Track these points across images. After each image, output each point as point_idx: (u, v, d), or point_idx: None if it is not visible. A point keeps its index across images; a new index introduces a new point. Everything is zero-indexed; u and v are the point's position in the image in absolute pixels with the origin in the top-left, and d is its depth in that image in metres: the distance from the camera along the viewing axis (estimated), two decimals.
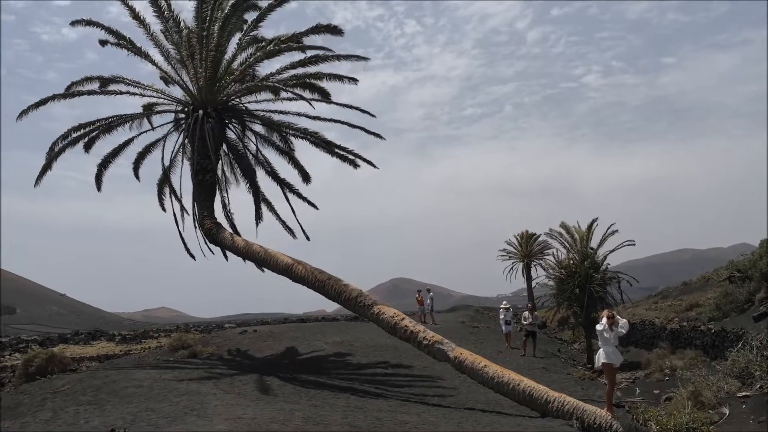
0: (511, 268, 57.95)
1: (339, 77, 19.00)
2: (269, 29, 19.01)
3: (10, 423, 11.36)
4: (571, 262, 26.84)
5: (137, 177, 21.23)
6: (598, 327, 12.18)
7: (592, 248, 26.62)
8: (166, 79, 19.97)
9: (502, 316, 26.71)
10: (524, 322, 24.76)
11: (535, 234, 55.93)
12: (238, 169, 20.72)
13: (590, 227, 27.04)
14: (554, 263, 28.00)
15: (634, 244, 26.58)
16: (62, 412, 11.55)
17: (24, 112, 18.51)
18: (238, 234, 19.22)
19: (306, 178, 20.63)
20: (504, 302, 28.11)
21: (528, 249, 56.03)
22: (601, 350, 11.85)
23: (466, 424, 11.13)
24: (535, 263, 54.66)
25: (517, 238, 57.37)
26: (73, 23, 19.07)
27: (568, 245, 27.25)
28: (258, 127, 20.30)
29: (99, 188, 20.70)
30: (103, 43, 18.91)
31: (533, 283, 49.28)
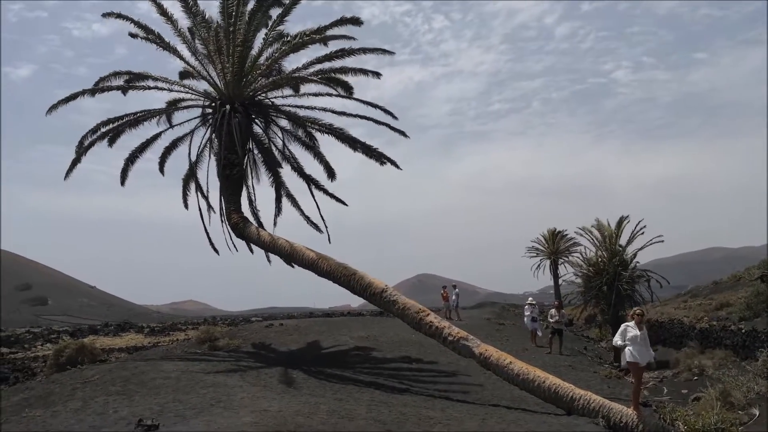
0: (539, 265, 57.71)
1: (364, 71, 19.05)
2: (296, 25, 19.12)
3: (42, 411, 11.56)
4: (600, 259, 26.61)
5: (162, 172, 21.50)
6: (624, 324, 12.05)
7: (620, 246, 26.36)
8: (191, 74, 20.14)
9: (527, 313, 26.52)
10: (551, 320, 24.57)
11: (562, 231, 55.61)
12: (264, 165, 20.84)
13: (620, 224, 26.78)
14: (582, 260, 27.78)
15: (662, 241, 26.25)
16: (92, 401, 11.73)
17: (54, 107, 18.81)
18: (264, 229, 19.35)
19: (331, 173, 20.63)
20: (529, 299, 27.93)
21: (555, 246, 55.67)
22: (627, 348, 11.72)
23: (490, 420, 11.09)
24: (562, 261, 54.26)
25: (544, 236, 57.05)
26: (105, 15, 19.31)
27: (597, 243, 27.02)
28: (284, 122, 20.39)
29: (123, 183, 20.80)
30: (133, 36, 19.15)
31: (560, 281, 49.03)
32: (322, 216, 20.21)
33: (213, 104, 19.27)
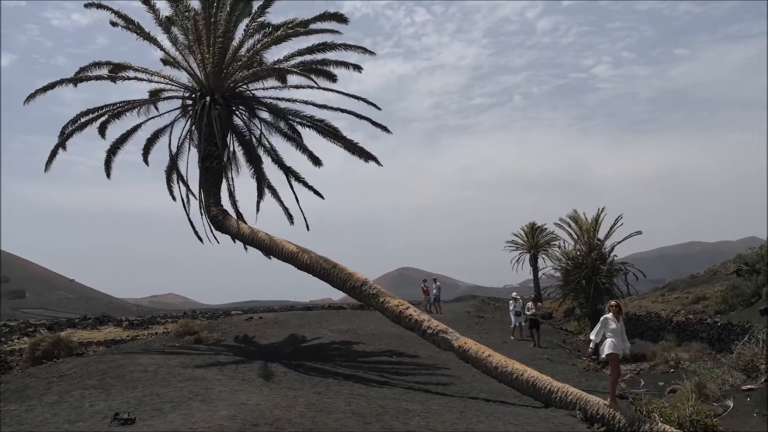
0: (518, 259, 58.01)
1: (345, 64, 19.04)
2: (277, 16, 18.92)
3: (17, 405, 11.44)
4: (578, 253, 26.80)
5: (146, 163, 21.25)
6: (603, 317, 12.12)
7: (599, 239, 26.56)
8: (170, 63, 19.96)
9: (511, 308, 26.71)
10: (527, 312, 24.82)
11: (542, 225, 55.93)
12: (244, 156, 20.73)
13: (597, 218, 26.97)
14: (561, 254, 27.97)
15: (641, 234, 26.49)
16: (68, 395, 11.63)
17: (32, 96, 18.58)
18: (244, 221, 19.24)
19: (316, 161, 20.50)
20: (514, 293, 28.10)
21: (535, 240, 55.99)
22: (607, 340, 11.80)
23: (468, 413, 11.14)
24: (541, 254, 54.60)
25: (524, 230, 57.34)
26: (87, 5, 19.04)
27: (575, 236, 27.20)
28: (265, 115, 20.27)
29: (108, 175, 20.67)
30: (114, 24, 18.99)
31: (540, 274, 49.36)
32: (300, 208, 20.14)
33: (193, 95, 19.11)
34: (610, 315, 11.99)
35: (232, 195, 20.35)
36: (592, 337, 12.04)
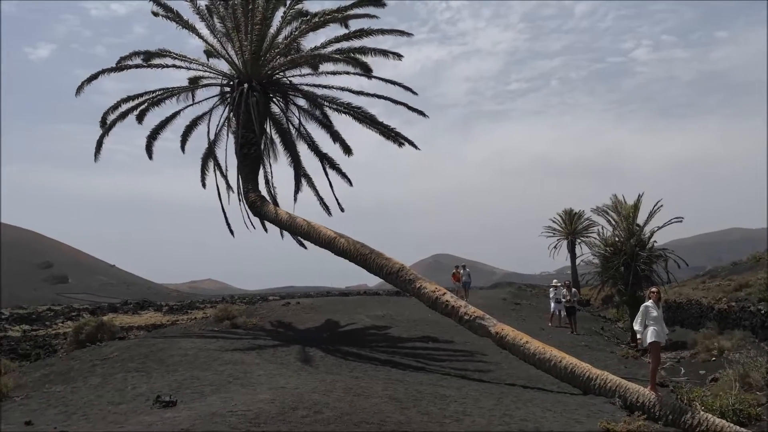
0: (555, 245, 57.41)
1: (383, 52, 18.93)
2: (313, 4, 18.98)
3: (62, 387, 11.76)
4: (617, 239, 26.39)
5: (183, 150, 21.54)
6: (645, 305, 11.92)
7: (638, 225, 26.10)
8: (210, 53, 20.15)
9: (551, 295, 26.49)
10: (563, 300, 24.65)
11: (579, 211, 55.24)
12: (281, 143, 20.86)
13: (636, 203, 26.48)
14: (599, 240, 27.57)
15: (681, 221, 25.94)
16: (111, 378, 11.90)
17: (80, 88, 18.91)
18: (280, 207, 19.39)
19: (347, 150, 20.61)
20: (554, 281, 27.82)
21: (572, 226, 55.32)
22: (650, 328, 11.60)
23: (506, 399, 11.10)
24: (579, 241, 53.95)
25: (561, 216, 56.70)
26: None
27: (614, 222, 26.78)
28: (301, 102, 20.38)
29: (150, 157, 21.29)
30: (155, 14, 19.20)
31: (577, 261, 48.80)
32: (335, 194, 20.30)
33: (231, 83, 19.26)
34: (650, 302, 11.81)
35: (268, 182, 20.53)
36: (636, 327, 11.84)
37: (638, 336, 11.73)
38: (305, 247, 20.36)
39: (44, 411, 9.90)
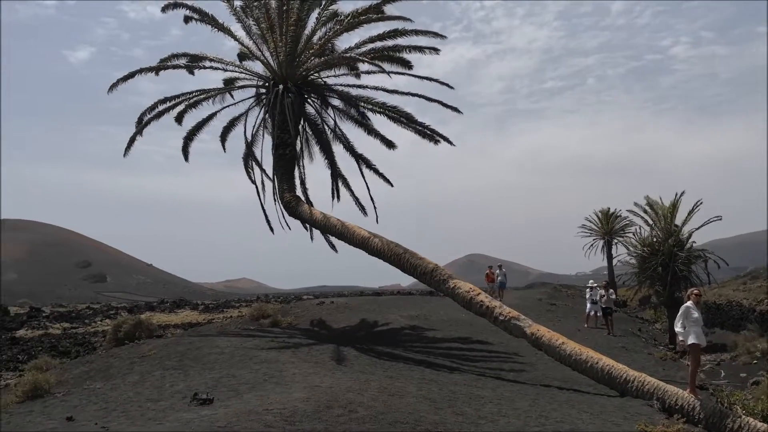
0: (591, 245, 56.72)
1: (419, 48, 18.89)
2: (347, 3, 19.13)
3: (102, 384, 11.98)
4: (655, 239, 26.04)
5: (224, 149, 21.99)
6: (685, 306, 11.72)
7: (676, 225, 25.72)
8: (245, 55, 20.35)
9: (587, 295, 26.22)
10: (600, 300, 24.38)
11: (616, 211, 54.51)
12: (316, 144, 20.98)
13: (675, 203, 26.10)
14: (636, 241, 27.22)
15: (720, 219, 25.48)
16: (149, 375, 12.08)
17: (114, 85, 19.22)
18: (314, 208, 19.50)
19: (390, 144, 20.67)
20: (591, 281, 27.54)
21: (609, 226, 54.60)
22: (691, 330, 11.40)
23: (541, 400, 11.02)
24: (616, 241, 53.26)
25: (597, 215, 56.00)
26: (164, 9, 19.58)
27: (651, 222, 26.43)
28: (336, 102, 20.46)
29: (186, 158, 21.79)
30: (187, 20, 19.47)
31: (614, 261, 48.20)
32: (371, 195, 20.34)
33: (267, 84, 19.43)
34: (691, 303, 11.61)
35: (303, 182, 20.65)
36: (677, 329, 11.65)
37: (679, 338, 11.53)
38: (336, 250, 20.55)
39: (85, 407, 10.10)
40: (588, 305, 25.65)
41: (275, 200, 19.30)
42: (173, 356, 13.59)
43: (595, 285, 25.71)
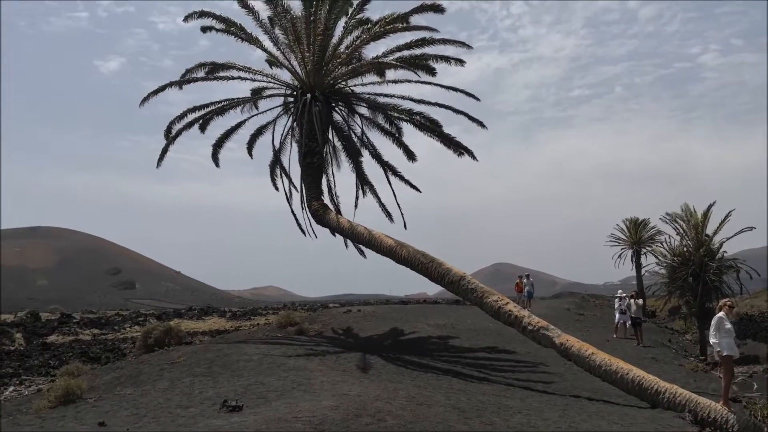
0: (620, 254, 56.12)
1: (446, 58, 18.95)
2: (373, 12, 19.18)
3: (132, 390, 12.13)
4: (685, 249, 25.72)
5: (251, 155, 22.14)
6: (718, 316, 11.54)
7: (707, 235, 25.39)
8: (272, 63, 20.52)
9: (616, 305, 25.97)
10: (630, 311, 24.11)
11: (645, 220, 53.91)
12: (344, 152, 21.07)
13: (706, 213, 25.78)
14: (666, 250, 26.91)
15: (753, 230, 25.11)
16: (178, 382, 12.20)
17: (146, 99, 19.47)
18: (342, 216, 19.56)
19: (411, 156, 20.73)
20: (619, 291, 27.25)
21: (638, 235, 53.99)
22: (724, 341, 11.21)
23: (571, 411, 10.93)
24: (645, 250, 52.64)
25: (626, 224, 55.42)
26: (186, 18, 19.80)
27: (682, 231, 26.11)
28: (363, 110, 20.54)
29: (217, 164, 22.01)
30: (206, 29, 19.72)
31: (643, 271, 47.62)
32: (398, 203, 20.29)
33: (294, 93, 19.57)
34: (723, 314, 11.44)
35: (331, 190, 20.74)
36: (712, 340, 11.47)
37: (716, 349, 11.34)
38: (365, 256, 20.55)
39: (116, 412, 10.22)
40: (617, 315, 25.38)
41: (303, 208, 19.40)
42: (202, 363, 13.71)
43: (624, 295, 25.43)
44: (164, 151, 20.04)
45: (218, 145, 21.20)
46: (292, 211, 19.79)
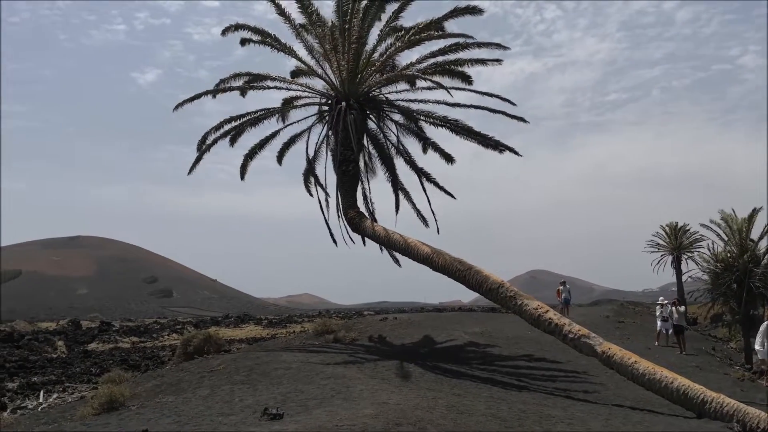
0: (659, 261, 55.31)
1: (482, 61, 18.84)
2: (406, 19, 19.15)
3: (174, 397, 12.21)
4: (728, 255, 25.19)
5: (280, 164, 22.26)
6: (766, 324, 11.25)
7: (752, 240, 24.84)
8: (306, 72, 20.64)
9: (658, 313, 25.52)
10: (672, 318, 23.66)
11: (685, 225, 53.08)
12: (378, 159, 21.07)
13: (750, 217, 25.22)
14: (709, 256, 26.39)
15: None
16: (218, 389, 12.26)
17: (180, 105, 19.70)
18: (377, 223, 19.55)
19: (449, 158, 20.70)
20: (661, 298, 26.80)
21: (678, 241, 53.15)
22: None
23: (614, 420, 10.72)
24: (686, 256, 51.80)
25: (665, 230, 54.62)
26: (223, 32, 19.98)
27: (725, 237, 25.58)
28: (397, 117, 20.54)
29: (243, 177, 22.10)
30: (243, 42, 19.96)
31: (685, 278, 46.86)
32: (432, 210, 20.27)
33: (329, 101, 19.64)
34: None
35: (366, 198, 20.73)
36: (757, 347, 11.20)
37: (761, 357, 11.05)
38: (399, 265, 20.54)
39: (158, 420, 10.29)
40: (659, 323, 24.93)
41: (339, 216, 19.42)
42: (241, 371, 13.77)
43: (666, 302, 24.97)
44: (197, 159, 20.23)
45: (250, 156, 21.24)
46: (326, 220, 19.84)
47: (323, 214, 19.88)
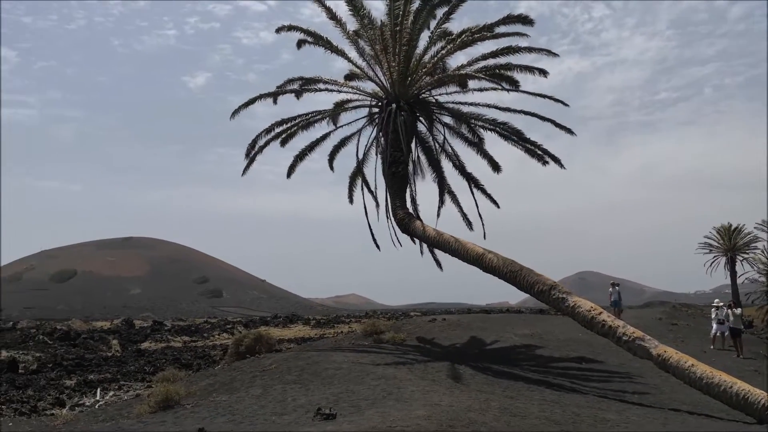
0: (713, 262, 54.03)
1: (529, 68, 18.79)
2: (453, 23, 19.14)
3: (227, 397, 12.42)
4: None
5: (331, 168, 22.42)
6: None
7: None
8: (357, 75, 20.80)
9: (713, 315, 24.87)
10: (729, 321, 23.01)
11: (739, 226, 51.72)
12: (427, 162, 21.08)
13: None
14: (766, 257, 25.66)
15: None
16: (271, 389, 12.42)
17: (236, 111, 20.01)
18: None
19: (496, 167, 20.65)
20: (716, 300, 26.12)
21: (732, 242, 51.82)
22: None
23: (672, 425, 10.52)
24: (741, 258, 50.47)
25: (719, 231, 53.32)
26: (278, 30, 20.28)
27: None
28: (447, 119, 20.58)
29: (289, 176, 22.24)
30: (300, 44, 20.19)
31: (740, 279, 45.68)
32: (479, 213, 20.30)
33: (379, 103, 19.75)
34: None
35: (414, 199, 20.76)
36: None
37: None
38: (441, 268, 20.59)
39: (213, 419, 10.48)
40: (714, 326, 24.28)
41: (388, 217, 19.51)
42: (293, 370, 13.92)
43: (722, 304, 24.30)
44: (251, 160, 20.57)
45: (300, 158, 21.57)
46: (368, 223, 20.02)
47: (367, 216, 20.06)
